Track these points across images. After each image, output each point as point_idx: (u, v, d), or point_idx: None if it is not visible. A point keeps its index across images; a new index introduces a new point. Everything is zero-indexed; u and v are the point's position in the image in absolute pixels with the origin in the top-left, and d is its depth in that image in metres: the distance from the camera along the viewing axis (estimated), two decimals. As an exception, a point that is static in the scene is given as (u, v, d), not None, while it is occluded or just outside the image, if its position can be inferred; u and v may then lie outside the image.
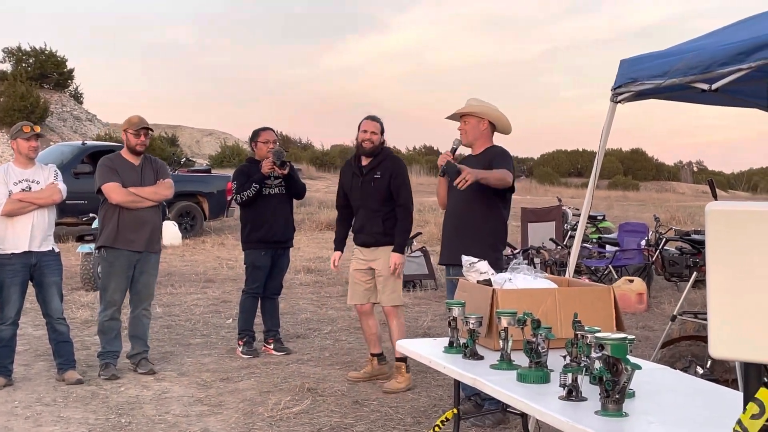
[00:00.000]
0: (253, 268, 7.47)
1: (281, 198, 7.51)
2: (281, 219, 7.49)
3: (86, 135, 35.65)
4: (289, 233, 7.62)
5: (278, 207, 7.47)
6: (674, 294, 11.44)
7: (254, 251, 7.44)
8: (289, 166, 7.44)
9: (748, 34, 4.48)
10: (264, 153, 7.47)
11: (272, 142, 7.54)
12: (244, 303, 7.56)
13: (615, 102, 5.37)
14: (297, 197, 7.69)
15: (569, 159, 61.54)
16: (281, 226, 7.49)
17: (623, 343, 2.79)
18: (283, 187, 7.49)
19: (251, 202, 7.34)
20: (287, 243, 7.63)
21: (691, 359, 5.69)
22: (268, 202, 7.40)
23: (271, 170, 7.31)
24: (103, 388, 6.34)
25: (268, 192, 7.41)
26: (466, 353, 3.83)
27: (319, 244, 17.67)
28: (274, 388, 6.37)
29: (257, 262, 7.44)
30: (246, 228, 7.51)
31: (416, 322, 8.96)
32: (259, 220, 7.38)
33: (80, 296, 10.33)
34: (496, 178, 5.53)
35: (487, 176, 5.48)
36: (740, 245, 1.93)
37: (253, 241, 7.44)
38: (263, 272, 7.47)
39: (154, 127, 7.62)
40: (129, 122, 6.76)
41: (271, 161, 7.28)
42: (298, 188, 7.63)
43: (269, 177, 7.37)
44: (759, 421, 1.99)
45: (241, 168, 7.68)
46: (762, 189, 52.47)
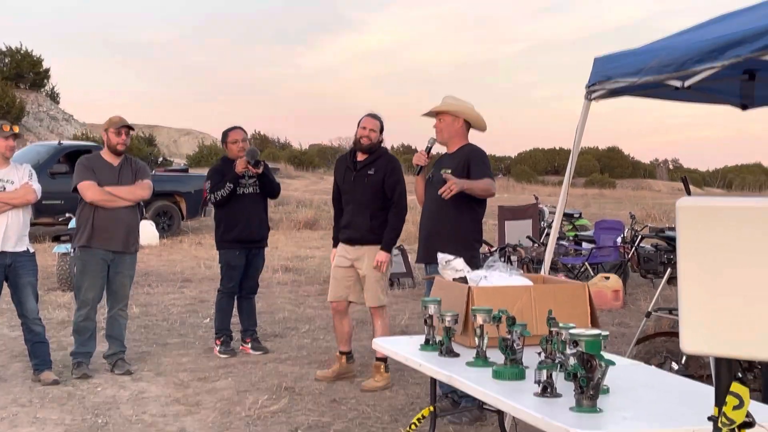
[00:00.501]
0: (228, 268, 7.45)
1: (255, 197, 7.49)
2: (256, 218, 7.47)
3: (63, 135, 35.40)
4: (263, 232, 7.60)
5: (252, 206, 7.45)
6: (650, 291, 11.51)
7: (229, 251, 7.42)
8: (264, 165, 7.42)
9: (720, 32, 4.51)
10: (235, 153, 7.45)
11: (241, 141, 7.52)
12: (219, 302, 7.54)
13: (589, 100, 5.40)
14: (271, 196, 7.68)
15: (546, 157, 61.74)
16: (256, 226, 7.47)
17: (597, 339, 2.81)
18: (258, 187, 7.47)
19: (225, 201, 7.31)
20: (262, 242, 7.61)
21: (666, 355, 5.73)
22: (242, 202, 7.38)
23: (245, 169, 7.28)
24: (80, 388, 6.30)
25: (243, 191, 7.39)
26: (442, 351, 3.84)
27: (297, 243, 17.64)
28: (252, 388, 6.36)
29: (232, 262, 7.42)
30: (220, 227, 7.48)
31: (394, 320, 8.97)
32: (233, 220, 7.36)
33: (57, 297, 10.26)
34: (480, 188, 5.60)
35: (472, 187, 5.54)
36: (710, 240, 1.94)
37: (227, 241, 7.41)
38: (238, 272, 7.45)
39: (137, 128, 7.59)
40: (110, 122, 6.75)
41: (245, 160, 7.26)
42: (272, 187, 7.61)
43: (243, 176, 7.35)
44: (742, 411, 2.01)
45: (215, 167, 7.66)
46: (737, 186, 52.87)
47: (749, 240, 1.91)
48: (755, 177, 55.30)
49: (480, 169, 5.69)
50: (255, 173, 7.35)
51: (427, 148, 5.86)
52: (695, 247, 1.97)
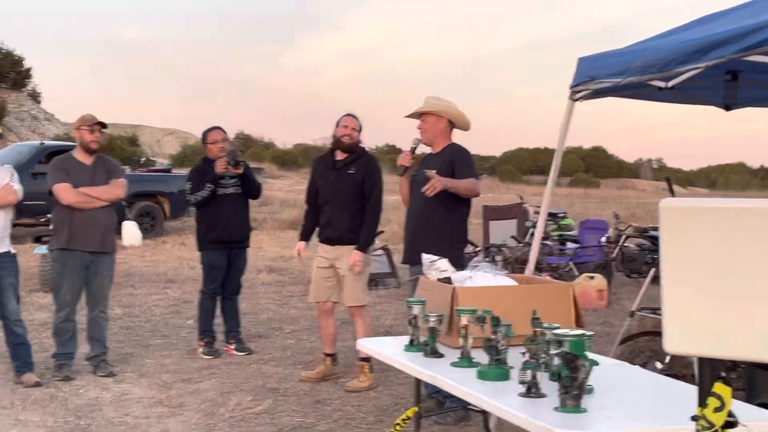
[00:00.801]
0: (210, 269, 7.43)
1: (237, 198, 7.46)
2: (237, 219, 7.45)
3: (44, 135, 35.22)
4: (245, 233, 7.58)
5: (234, 207, 7.42)
6: (634, 290, 11.53)
7: (211, 251, 7.39)
8: (244, 165, 7.40)
9: (704, 33, 4.52)
10: (215, 153, 7.43)
11: (221, 141, 7.50)
12: (202, 304, 7.52)
13: (573, 100, 5.40)
14: (252, 197, 7.66)
15: (531, 157, 61.99)
16: (237, 226, 7.46)
17: (581, 339, 2.81)
18: (239, 187, 7.45)
19: (206, 202, 7.29)
20: (244, 243, 7.59)
21: (650, 355, 5.74)
22: (223, 202, 7.35)
23: (225, 170, 7.26)
24: (62, 390, 6.26)
25: (224, 192, 7.37)
26: (427, 351, 3.83)
27: (282, 243, 17.61)
28: (236, 389, 6.34)
29: (214, 263, 7.40)
30: (201, 228, 7.46)
31: (378, 320, 8.96)
32: (214, 221, 7.33)
33: (38, 298, 10.20)
34: (464, 188, 5.62)
35: (456, 185, 5.56)
36: (694, 241, 1.95)
37: (209, 242, 7.39)
38: (220, 272, 7.43)
39: (114, 127, 7.60)
40: (82, 119, 6.70)
41: (225, 161, 7.24)
42: (253, 187, 7.59)
43: (224, 177, 7.32)
44: (722, 414, 2.01)
45: (195, 168, 7.64)
46: (720, 185, 53.18)
47: (732, 241, 1.91)
48: (739, 176, 55.69)
49: (464, 168, 5.70)
50: (235, 173, 7.33)
51: (411, 149, 5.86)
52: (678, 248, 1.97)
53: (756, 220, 1.88)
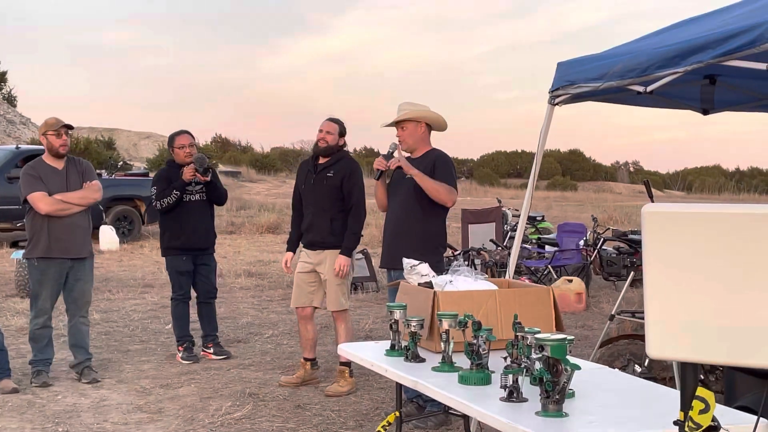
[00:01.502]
0: (177, 275, 7.39)
1: (202, 204, 7.44)
2: (202, 226, 7.43)
3: (20, 139, 34.93)
4: (210, 240, 7.57)
5: (199, 214, 7.41)
6: (612, 293, 11.60)
7: (175, 257, 7.36)
8: (212, 172, 7.39)
9: (683, 37, 4.55)
10: (181, 158, 7.41)
11: (188, 146, 7.46)
12: (175, 310, 7.48)
13: (552, 104, 5.42)
14: (218, 203, 7.64)
15: (509, 160, 62.14)
16: (203, 233, 7.44)
17: (563, 343, 2.82)
18: (204, 193, 7.43)
19: (172, 208, 7.25)
20: (209, 249, 7.57)
21: (629, 358, 5.77)
22: (189, 209, 7.33)
23: (193, 177, 7.24)
24: (40, 396, 6.21)
25: (189, 198, 7.34)
26: (408, 356, 3.83)
27: (260, 247, 17.56)
28: (215, 394, 6.31)
29: (179, 268, 7.37)
30: (166, 234, 7.43)
31: (358, 324, 8.95)
32: (179, 227, 7.30)
33: (15, 303, 10.12)
34: (432, 186, 5.63)
35: (424, 181, 5.60)
36: (676, 246, 1.95)
37: (173, 248, 7.35)
38: (187, 278, 7.42)
39: (90, 131, 7.54)
40: (47, 125, 6.56)
41: (193, 168, 7.21)
42: (219, 194, 7.57)
43: (190, 183, 7.29)
44: (708, 415, 2.02)
45: (160, 173, 7.60)
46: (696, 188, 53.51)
47: (714, 245, 1.92)
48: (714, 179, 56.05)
49: (444, 175, 5.71)
50: (203, 181, 7.31)
51: (388, 154, 5.85)
52: (661, 253, 1.97)
53: (738, 224, 1.89)
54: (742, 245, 1.89)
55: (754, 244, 1.88)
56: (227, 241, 18.70)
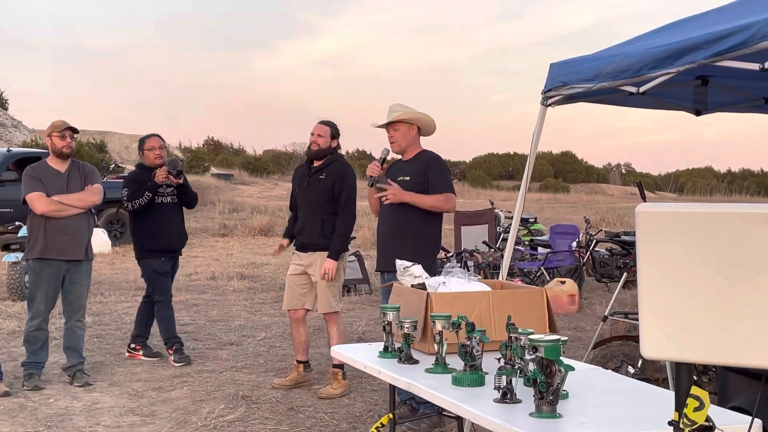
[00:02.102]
0: (157, 276, 7.37)
1: (173, 207, 7.48)
2: (175, 228, 7.49)
3: (11, 142, 34.86)
4: (183, 241, 7.65)
5: (171, 216, 7.45)
6: (605, 295, 11.62)
7: (153, 259, 7.33)
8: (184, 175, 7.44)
9: (675, 38, 4.55)
10: (151, 160, 7.44)
11: (158, 149, 7.49)
12: (159, 312, 7.45)
13: (545, 105, 5.42)
14: (188, 206, 7.66)
15: (501, 162, 62.19)
16: (176, 235, 7.50)
17: (556, 344, 2.81)
18: (175, 196, 7.45)
19: (142, 210, 7.23)
20: (180, 252, 7.62)
21: (622, 359, 5.77)
22: (161, 211, 7.35)
23: (166, 179, 7.24)
24: (32, 399, 6.19)
25: (161, 201, 7.35)
26: (401, 358, 3.82)
27: (252, 250, 17.54)
28: (208, 397, 6.29)
29: (160, 269, 7.36)
30: (139, 237, 7.43)
31: (351, 327, 8.94)
32: (153, 230, 7.30)
33: (6, 306, 10.08)
34: (429, 204, 5.69)
35: (419, 201, 5.66)
36: (669, 246, 1.95)
37: (149, 250, 7.33)
38: (167, 277, 7.45)
39: (82, 134, 7.52)
40: (53, 126, 6.64)
41: (166, 170, 7.22)
42: (190, 198, 7.61)
43: (161, 185, 7.30)
44: (702, 412, 2.02)
45: (131, 176, 7.64)
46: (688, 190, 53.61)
47: (708, 245, 1.92)
48: (706, 180, 56.17)
49: (439, 180, 5.72)
50: (176, 183, 7.32)
51: (380, 159, 5.85)
52: (654, 253, 1.97)
53: (732, 224, 1.89)
54: (736, 245, 1.88)
55: (747, 244, 1.88)
56: (219, 244, 18.69)
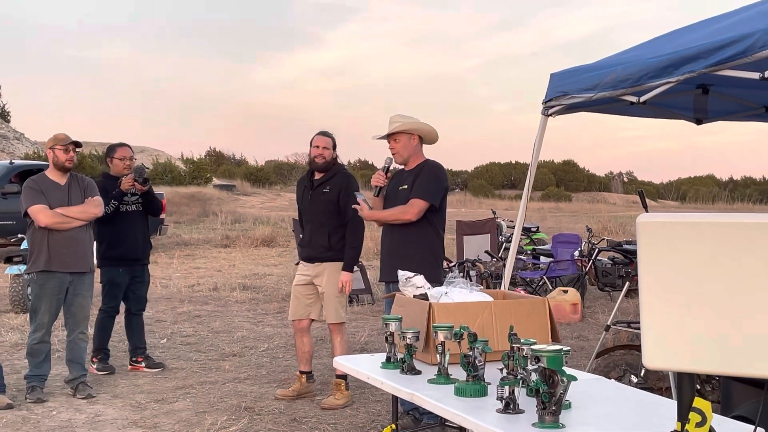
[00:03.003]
0: (111, 286, 7.35)
1: (138, 215, 7.50)
2: (140, 236, 7.51)
3: (14, 154, 34.95)
4: (147, 250, 7.66)
5: (136, 224, 7.48)
6: (607, 304, 11.60)
7: (111, 269, 7.31)
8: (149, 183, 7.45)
9: (675, 47, 4.56)
10: (120, 169, 7.45)
11: (128, 159, 7.51)
12: (102, 322, 7.44)
13: (546, 115, 5.43)
14: (153, 214, 7.68)
15: (503, 171, 62.27)
16: (141, 244, 7.51)
17: (559, 355, 2.81)
18: (140, 204, 7.47)
19: (108, 218, 7.23)
20: (145, 260, 7.63)
21: (625, 368, 5.76)
22: (126, 220, 7.36)
23: (131, 187, 7.26)
24: (35, 412, 6.18)
25: (126, 209, 7.36)
26: (404, 368, 3.82)
27: (255, 260, 17.53)
28: (211, 408, 6.28)
29: (115, 280, 7.35)
30: (103, 245, 7.42)
31: (353, 337, 8.93)
32: (117, 238, 7.30)
33: (9, 319, 10.08)
34: (383, 216, 5.88)
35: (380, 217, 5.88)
36: (671, 256, 1.95)
37: (110, 258, 7.32)
38: (121, 290, 7.44)
39: (85, 145, 7.52)
40: (56, 139, 6.64)
41: (132, 177, 7.24)
42: (155, 205, 7.64)
43: (126, 194, 7.31)
44: (704, 428, 2.02)
45: (96, 184, 7.63)
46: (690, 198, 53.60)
47: (709, 255, 1.92)
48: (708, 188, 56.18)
49: (419, 185, 5.76)
50: (141, 191, 7.34)
51: (384, 168, 5.87)
52: (656, 263, 1.97)
53: (733, 234, 1.89)
54: (737, 254, 1.88)
55: (748, 254, 1.88)
56: (222, 255, 18.69)
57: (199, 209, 29.53)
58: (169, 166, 41.87)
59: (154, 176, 39.31)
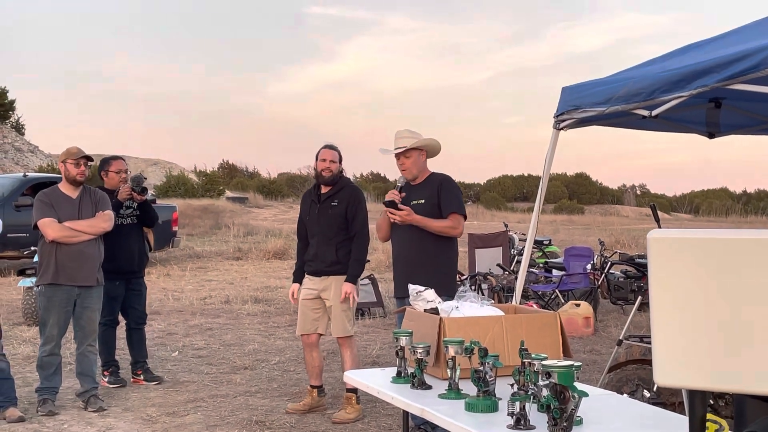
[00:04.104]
0: (108, 298, 7.30)
1: (134, 227, 7.51)
2: (136, 249, 7.52)
3: (28, 167, 35.14)
4: (142, 263, 7.67)
5: (132, 237, 7.48)
6: (620, 317, 11.55)
7: (108, 281, 7.29)
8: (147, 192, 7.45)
9: (688, 62, 4.55)
10: (115, 183, 7.44)
11: (124, 172, 7.50)
12: (102, 335, 7.38)
13: (558, 129, 5.42)
14: (150, 225, 7.69)
15: (515, 184, 62.26)
16: (137, 257, 7.53)
17: (570, 370, 2.80)
18: (135, 217, 7.48)
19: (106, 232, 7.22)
20: (141, 272, 7.63)
21: (637, 383, 5.73)
22: (122, 233, 7.30)
23: (129, 196, 7.26)
24: (46, 425, 6.19)
25: (121, 222, 7.34)
26: (414, 383, 3.81)
27: (267, 273, 17.54)
28: (222, 422, 6.28)
29: (111, 293, 7.29)
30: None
31: (365, 350, 8.92)
32: (114, 251, 7.25)
33: (22, 331, 10.10)
34: (436, 228, 5.73)
35: (426, 224, 5.70)
36: (682, 272, 1.93)
37: (106, 271, 7.26)
38: (118, 302, 7.43)
39: (97, 158, 7.55)
40: (68, 153, 6.67)
41: (129, 187, 7.23)
42: (151, 216, 7.64)
43: (122, 206, 7.31)
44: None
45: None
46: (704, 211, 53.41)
47: (721, 271, 1.90)
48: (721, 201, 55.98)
49: (451, 201, 5.74)
50: (139, 200, 7.34)
51: (398, 188, 5.88)
52: (667, 279, 1.96)
53: (744, 250, 1.87)
54: (748, 271, 1.87)
55: (761, 270, 1.86)
56: (234, 267, 18.70)
57: (212, 222, 29.59)
58: (182, 178, 41.99)
59: (167, 189, 39.47)
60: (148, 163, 51.92)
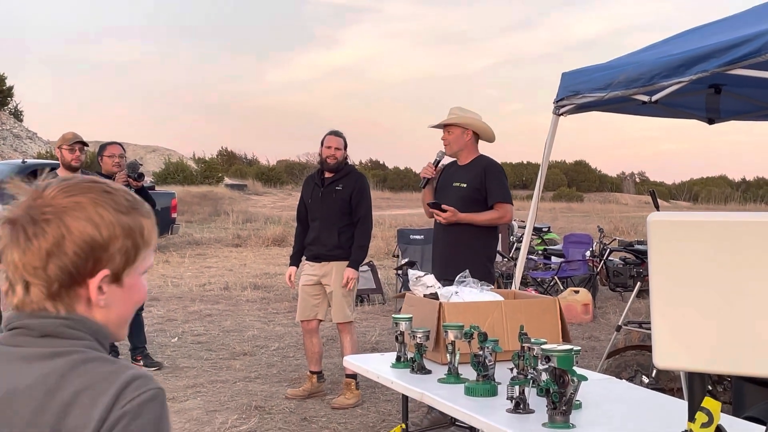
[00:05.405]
0: None
1: None
2: None
3: (26, 153, 35.10)
4: None
5: None
6: (619, 304, 11.57)
7: None
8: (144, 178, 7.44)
9: (687, 47, 4.55)
10: (109, 167, 7.40)
11: (117, 156, 7.47)
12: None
13: (557, 114, 5.42)
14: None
15: (514, 171, 62.18)
16: None
17: (569, 354, 2.80)
18: None
19: None
20: None
21: (636, 369, 5.74)
22: None
23: (125, 183, 7.25)
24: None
25: None
26: (414, 368, 3.82)
27: (266, 259, 17.55)
28: (221, 407, 6.29)
29: None
30: None
31: (364, 336, 8.93)
32: None
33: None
34: (485, 220, 5.65)
35: (472, 220, 5.60)
36: (681, 255, 1.94)
37: None
38: None
39: (96, 145, 7.55)
40: (63, 138, 6.70)
41: (125, 174, 7.22)
42: (150, 203, 7.57)
43: None
44: (710, 428, 2.00)
45: None
46: (702, 198, 53.43)
47: (721, 254, 1.90)
48: (720, 189, 56.01)
49: (497, 189, 5.66)
50: (136, 186, 7.33)
51: (435, 161, 5.81)
52: (667, 263, 1.96)
53: (744, 233, 1.88)
54: (748, 254, 1.87)
55: (760, 253, 1.87)
56: (233, 254, 18.71)
57: (211, 209, 29.59)
58: (180, 165, 41.97)
59: (166, 176, 39.45)
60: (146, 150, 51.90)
